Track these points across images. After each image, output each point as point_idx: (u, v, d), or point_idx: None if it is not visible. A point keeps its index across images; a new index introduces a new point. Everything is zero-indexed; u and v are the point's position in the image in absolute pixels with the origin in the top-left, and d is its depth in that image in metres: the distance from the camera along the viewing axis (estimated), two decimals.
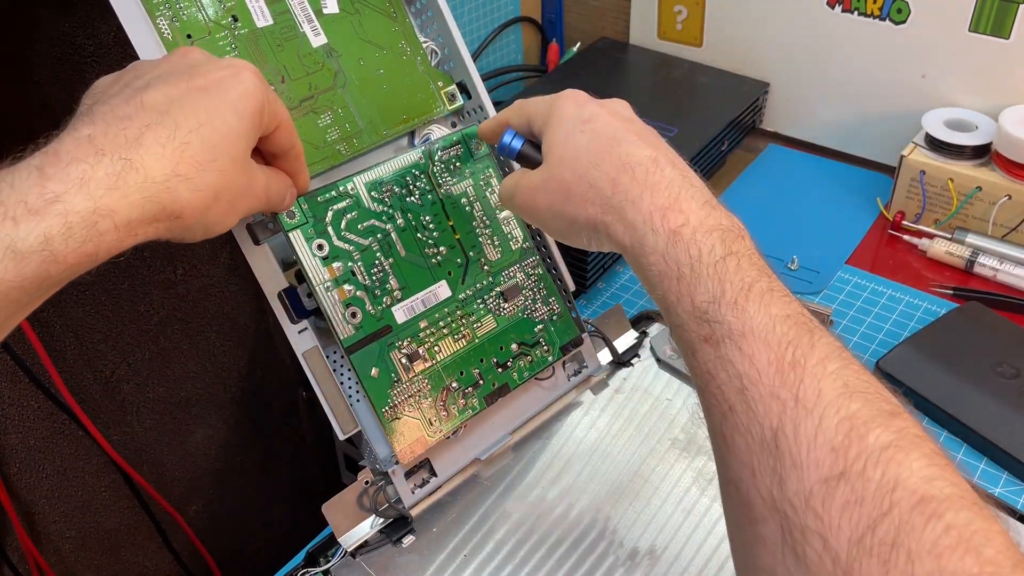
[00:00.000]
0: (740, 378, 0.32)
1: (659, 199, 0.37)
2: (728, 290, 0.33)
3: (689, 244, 0.35)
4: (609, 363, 0.61)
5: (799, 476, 0.29)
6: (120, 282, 0.66)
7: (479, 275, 0.52)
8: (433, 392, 0.50)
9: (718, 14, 0.94)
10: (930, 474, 0.28)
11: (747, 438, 0.31)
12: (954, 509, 0.27)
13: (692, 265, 0.34)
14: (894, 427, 0.29)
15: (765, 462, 0.30)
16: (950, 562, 0.26)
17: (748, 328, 0.32)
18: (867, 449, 0.29)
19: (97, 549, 0.73)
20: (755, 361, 0.31)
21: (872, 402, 0.30)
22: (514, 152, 0.46)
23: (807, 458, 0.29)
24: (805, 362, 0.31)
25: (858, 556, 0.27)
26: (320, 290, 0.47)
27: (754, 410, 0.31)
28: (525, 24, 1.05)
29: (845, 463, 0.28)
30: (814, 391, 0.30)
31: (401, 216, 0.50)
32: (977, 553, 0.26)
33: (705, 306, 0.33)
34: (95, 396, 0.67)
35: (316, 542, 0.52)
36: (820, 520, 0.28)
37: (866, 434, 0.29)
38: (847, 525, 0.27)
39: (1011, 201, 0.73)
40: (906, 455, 0.29)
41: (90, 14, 0.57)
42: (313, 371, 0.48)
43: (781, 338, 0.32)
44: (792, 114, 0.94)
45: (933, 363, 0.63)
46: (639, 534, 0.51)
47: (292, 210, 0.46)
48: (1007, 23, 0.75)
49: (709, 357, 0.33)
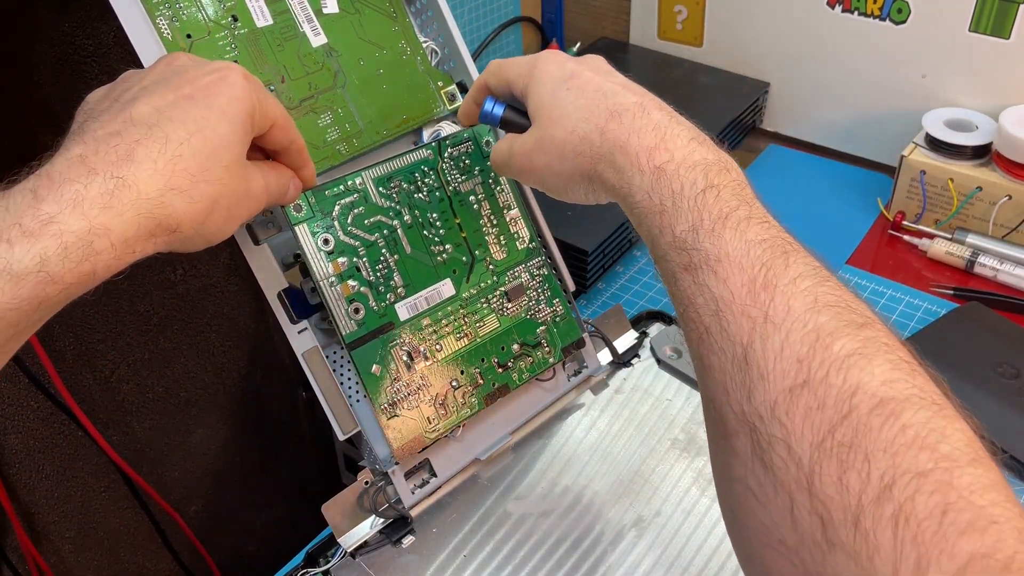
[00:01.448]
0: (716, 301, 0.33)
1: (645, 140, 0.38)
2: (706, 219, 0.34)
3: (672, 179, 0.36)
4: (609, 363, 0.61)
5: (765, 387, 0.30)
6: (120, 282, 0.66)
7: (484, 274, 0.52)
8: (432, 390, 0.50)
9: (718, 14, 0.94)
10: (891, 377, 0.29)
11: (720, 357, 0.32)
12: (912, 409, 0.28)
13: (674, 199, 0.36)
14: (861, 336, 0.30)
15: (736, 378, 0.31)
16: (905, 459, 0.27)
17: (724, 253, 0.33)
18: (831, 357, 0.29)
19: (97, 549, 0.73)
20: (729, 284, 0.33)
21: (841, 314, 0.31)
22: (497, 119, 0.46)
23: (773, 370, 0.30)
24: (777, 282, 0.32)
25: (819, 459, 0.28)
26: (324, 285, 0.47)
27: (727, 330, 0.32)
28: (525, 24, 1.05)
29: (808, 372, 0.29)
30: (783, 308, 0.31)
31: (408, 213, 0.50)
32: (932, 450, 0.27)
33: (684, 235, 0.35)
34: (95, 396, 0.67)
35: (316, 542, 0.52)
36: (784, 428, 0.29)
37: (831, 344, 0.30)
38: (809, 430, 0.28)
39: (1011, 201, 0.73)
40: (869, 361, 0.29)
41: (90, 14, 0.57)
42: (313, 371, 0.48)
43: (755, 261, 0.33)
44: (792, 114, 0.94)
45: (933, 363, 0.62)
46: (639, 534, 0.51)
47: (299, 203, 0.46)
48: (1007, 23, 0.75)
49: (688, 284, 0.34)
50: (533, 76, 0.43)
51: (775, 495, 0.29)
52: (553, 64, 0.43)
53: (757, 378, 0.30)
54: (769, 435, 0.29)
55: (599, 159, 0.39)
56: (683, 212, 0.35)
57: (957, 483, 0.26)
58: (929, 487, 0.26)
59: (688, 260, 0.34)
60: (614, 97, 0.40)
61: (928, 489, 0.26)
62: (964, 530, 0.25)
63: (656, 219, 0.36)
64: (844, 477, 0.27)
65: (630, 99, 0.40)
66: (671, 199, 0.36)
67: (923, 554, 0.25)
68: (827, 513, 0.27)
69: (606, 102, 0.40)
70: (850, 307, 0.31)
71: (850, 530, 0.26)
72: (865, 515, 0.26)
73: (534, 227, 0.55)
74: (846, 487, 0.27)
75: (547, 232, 0.56)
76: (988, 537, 0.25)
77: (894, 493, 0.26)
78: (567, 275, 0.57)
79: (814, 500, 0.27)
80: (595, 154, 0.39)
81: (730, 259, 0.33)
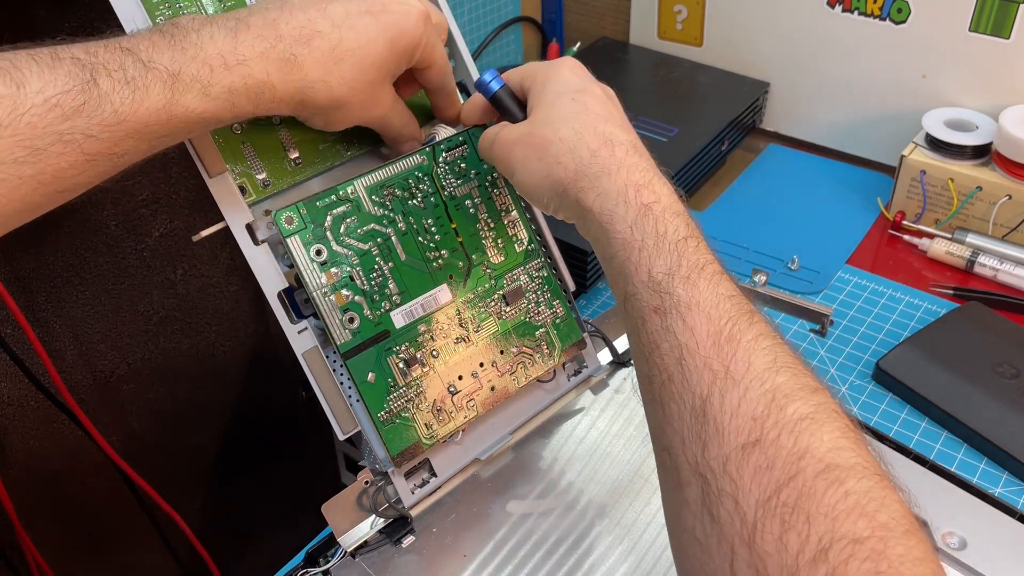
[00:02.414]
0: (680, 348, 0.34)
1: (634, 177, 0.39)
2: (684, 265, 0.36)
3: (658, 220, 0.37)
4: (609, 363, 0.61)
5: (720, 442, 0.31)
6: (120, 282, 0.66)
7: (481, 279, 0.52)
8: (430, 397, 0.50)
9: (718, 14, 0.94)
10: (839, 445, 0.30)
11: (680, 406, 0.33)
12: (856, 477, 0.29)
13: (656, 240, 0.37)
14: (813, 401, 0.31)
15: (693, 429, 0.32)
16: (844, 524, 0.28)
17: (695, 301, 0.34)
18: (784, 419, 0.30)
19: (97, 549, 0.73)
20: (696, 333, 0.34)
21: (797, 377, 0.32)
22: (491, 92, 0.47)
23: (729, 425, 0.31)
24: (741, 337, 0.33)
25: (762, 517, 0.29)
26: (317, 295, 0.46)
27: (688, 380, 0.33)
28: (525, 24, 1.05)
29: (762, 431, 0.30)
30: (744, 364, 0.32)
31: (403, 220, 0.49)
32: (871, 518, 0.28)
33: (660, 277, 0.36)
34: (95, 396, 0.67)
35: (316, 542, 0.52)
36: (734, 483, 0.30)
37: (786, 406, 0.31)
38: (756, 488, 0.29)
39: (1011, 201, 0.73)
40: (819, 427, 0.30)
41: (90, 14, 0.57)
42: (313, 371, 0.48)
43: (723, 314, 0.34)
44: (792, 114, 0.94)
45: (933, 363, 0.63)
46: (639, 534, 0.51)
47: (291, 215, 0.46)
48: (1007, 23, 0.75)
49: (656, 327, 0.35)
50: (548, 76, 0.44)
51: (718, 547, 0.30)
52: (571, 72, 0.44)
53: (713, 432, 0.31)
54: (719, 488, 0.30)
55: (583, 176, 0.40)
56: (663, 254, 0.36)
57: (890, 552, 0.27)
58: (863, 553, 0.27)
59: (659, 303, 0.35)
60: (612, 127, 0.41)
61: (862, 555, 0.27)
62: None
63: (635, 254, 0.37)
64: (784, 536, 0.28)
65: (625, 136, 0.41)
66: (653, 239, 0.37)
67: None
68: (764, 569, 0.28)
69: (603, 127, 0.41)
70: (805, 372, 0.33)
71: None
72: (800, 575, 0.27)
73: (533, 228, 0.55)
74: (785, 546, 0.28)
75: (547, 232, 0.56)
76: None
77: (830, 556, 0.27)
78: (567, 275, 0.57)
79: (753, 555, 0.28)
80: (580, 170, 0.40)
81: (700, 308, 0.34)
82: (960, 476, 0.56)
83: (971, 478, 0.57)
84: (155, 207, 0.66)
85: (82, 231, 0.62)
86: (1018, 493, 0.56)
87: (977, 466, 0.58)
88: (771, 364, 0.32)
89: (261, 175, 0.48)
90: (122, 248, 0.65)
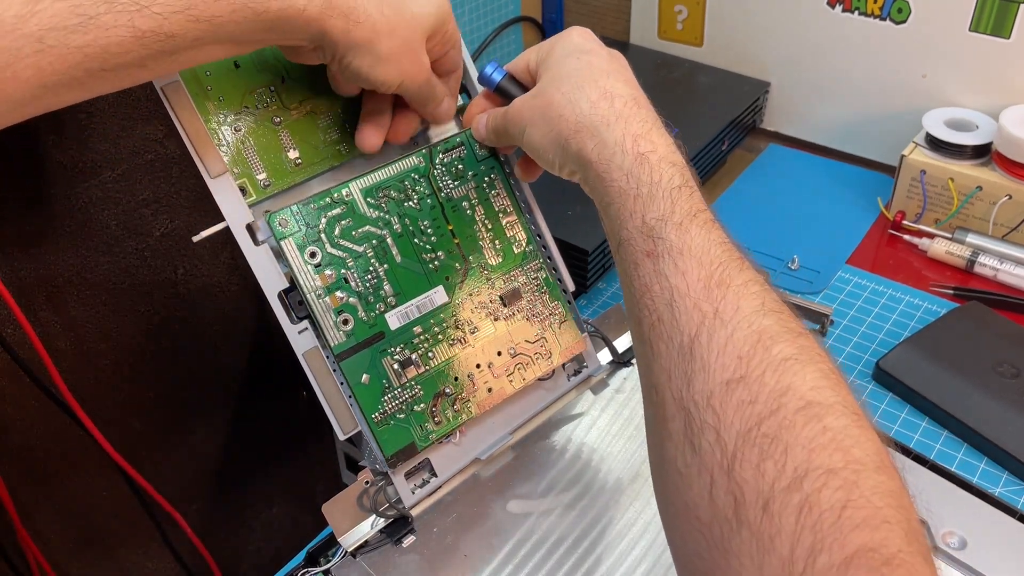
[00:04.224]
0: (671, 291, 0.35)
1: (633, 127, 0.40)
2: (677, 212, 0.37)
3: (653, 168, 0.38)
4: (609, 363, 0.61)
5: (705, 378, 0.32)
6: (120, 282, 0.66)
7: (479, 280, 0.52)
8: (426, 399, 0.50)
9: (718, 14, 0.94)
10: (820, 384, 0.31)
11: (668, 345, 0.34)
12: (834, 415, 0.30)
13: (651, 187, 0.38)
14: (798, 344, 0.32)
15: (680, 366, 0.33)
16: (820, 456, 0.29)
17: (687, 247, 0.35)
18: (769, 359, 0.32)
19: (97, 549, 0.73)
20: (687, 276, 0.35)
21: (783, 321, 0.33)
22: (494, 83, 0.48)
23: (715, 363, 0.32)
24: (731, 281, 0.34)
25: (742, 447, 0.30)
26: (311, 298, 0.46)
27: (678, 320, 0.34)
28: (525, 24, 1.05)
29: (747, 369, 0.32)
30: (733, 306, 0.33)
31: (398, 222, 0.49)
32: (846, 452, 0.29)
33: (653, 223, 0.37)
34: (95, 396, 0.67)
35: (316, 542, 0.52)
36: (716, 416, 0.31)
37: (771, 346, 0.32)
38: (738, 421, 0.31)
39: (1011, 201, 0.73)
40: (803, 367, 0.31)
41: None
42: (313, 371, 0.48)
43: (714, 259, 0.35)
44: (792, 114, 0.94)
45: (933, 363, 0.63)
46: (639, 534, 0.51)
47: (285, 218, 0.46)
48: (1007, 23, 0.75)
49: (648, 271, 0.36)
50: (557, 40, 0.46)
51: (698, 476, 0.31)
52: (579, 36, 0.46)
53: (699, 368, 0.32)
54: (702, 421, 0.31)
55: (582, 128, 0.41)
56: (657, 201, 0.37)
57: (862, 484, 0.28)
58: (836, 483, 0.28)
59: (652, 248, 0.36)
60: (614, 82, 0.42)
61: (835, 485, 0.28)
62: (859, 524, 0.27)
63: (629, 201, 0.38)
64: (762, 464, 0.29)
65: (627, 90, 0.42)
66: (648, 186, 0.38)
67: (818, 540, 0.27)
68: (741, 494, 0.29)
69: (604, 81, 0.42)
70: (792, 317, 0.34)
71: (759, 512, 0.28)
72: (775, 500, 0.28)
73: (533, 228, 0.55)
74: (762, 473, 0.29)
75: (547, 232, 0.56)
76: (878, 533, 0.27)
77: (804, 484, 0.28)
78: (567, 275, 0.57)
79: (731, 482, 0.30)
80: (580, 122, 0.41)
81: (692, 253, 0.35)
82: (960, 476, 0.56)
83: (971, 478, 0.57)
84: (156, 207, 0.66)
85: (83, 231, 0.62)
86: (1018, 493, 0.56)
87: (977, 466, 0.58)
88: (759, 308, 0.33)
89: (261, 175, 0.48)
90: (123, 248, 0.65)
